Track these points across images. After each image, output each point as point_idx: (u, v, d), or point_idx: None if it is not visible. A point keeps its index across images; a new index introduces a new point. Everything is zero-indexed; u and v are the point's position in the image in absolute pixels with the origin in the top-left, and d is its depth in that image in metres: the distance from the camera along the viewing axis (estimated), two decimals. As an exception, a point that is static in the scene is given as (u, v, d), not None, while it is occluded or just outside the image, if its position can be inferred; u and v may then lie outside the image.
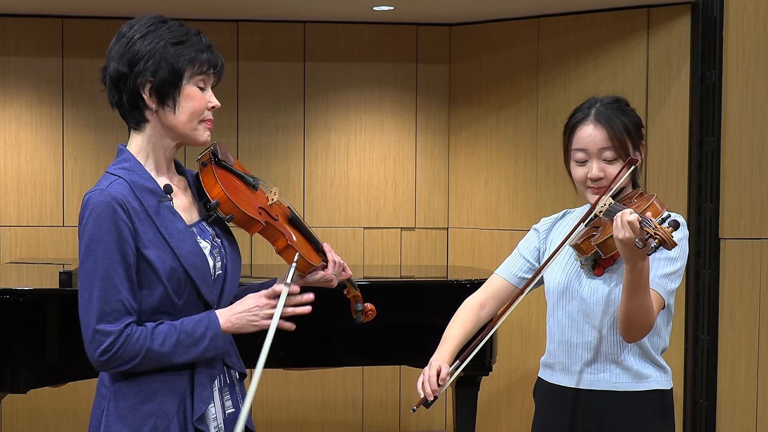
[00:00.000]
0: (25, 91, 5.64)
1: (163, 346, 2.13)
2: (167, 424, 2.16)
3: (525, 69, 5.59)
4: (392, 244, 5.94)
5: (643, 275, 2.27)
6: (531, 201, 5.53)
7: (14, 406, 5.50)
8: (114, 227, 2.12)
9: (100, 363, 2.13)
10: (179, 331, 2.15)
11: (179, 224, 2.20)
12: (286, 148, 5.84)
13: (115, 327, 2.10)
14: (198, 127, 2.25)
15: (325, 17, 5.73)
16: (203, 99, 2.24)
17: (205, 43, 2.27)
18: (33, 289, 3.91)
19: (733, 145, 4.92)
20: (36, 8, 5.50)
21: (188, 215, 2.27)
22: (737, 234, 4.93)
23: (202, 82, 2.25)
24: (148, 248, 2.15)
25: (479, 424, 4.77)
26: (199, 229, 2.27)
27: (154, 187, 2.20)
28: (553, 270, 2.57)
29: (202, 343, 2.17)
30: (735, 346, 4.96)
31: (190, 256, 2.18)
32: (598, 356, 2.48)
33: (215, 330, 2.19)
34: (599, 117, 2.49)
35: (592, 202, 2.48)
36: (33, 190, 5.66)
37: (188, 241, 2.20)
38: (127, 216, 2.13)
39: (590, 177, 2.48)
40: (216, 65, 2.26)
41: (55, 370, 3.86)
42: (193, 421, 2.19)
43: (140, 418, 2.16)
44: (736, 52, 4.90)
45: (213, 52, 2.26)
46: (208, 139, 2.28)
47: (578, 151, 2.50)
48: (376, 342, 4.29)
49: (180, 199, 2.28)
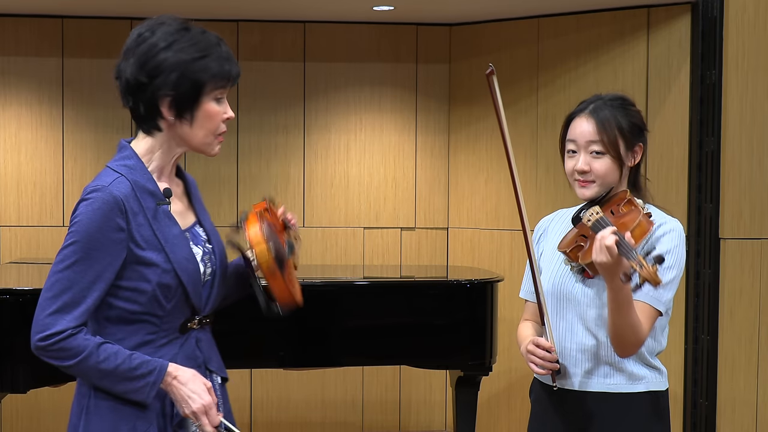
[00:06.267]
0: (25, 91, 5.63)
1: (100, 364, 2.10)
2: (147, 426, 2.16)
3: (525, 69, 5.59)
4: (392, 244, 5.94)
5: (621, 294, 2.29)
6: (531, 201, 5.52)
7: (14, 406, 5.50)
8: (105, 224, 2.10)
9: (36, 348, 2.12)
10: (125, 360, 2.11)
11: (175, 229, 2.20)
12: (286, 148, 5.84)
13: (66, 324, 2.08)
14: (212, 142, 2.24)
15: (325, 17, 5.73)
16: (219, 114, 2.22)
17: (226, 53, 2.22)
18: (33, 289, 3.91)
19: (733, 145, 4.92)
20: (36, 8, 5.50)
21: (183, 220, 2.27)
22: (737, 234, 4.93)
23: (221, 93, 2.22)
24: (144, 250, 2.14)
25: (479, 424, 4.77)
26: (192, 235, 2.27)
27: (154, 190, 2.19)
28: (545, 273, 2.57)
29: (138, 382, 2.12)
30: (735, 346, 4.96)
31: (183, 262, 2.18)
32: (592, 358, 2.48)
33: (156, 379, 2.13)
34: (594, 111, 2.50)
35: (579, 195, 2.51)
36: (33, 190, 5.66)
37: (182, 247, 2.20)
38: (124, 218, 2.12)
39: (576, 169, 2.49)
40: (235, 76, 2.23)
41: (55, 370, 3.83)
42: (173, 425, 2.20)
43: (120, 417, 2.16)
44: (736, 52, 4.90)
45: (232, 62, 2.22)
46: (218, 151, 2.26)
47: (570, 143, 2.52)
48: (376, 342, 4.30)
49: (176, 204, 2.27)
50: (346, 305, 4.25)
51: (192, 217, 2.32)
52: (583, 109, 2.52)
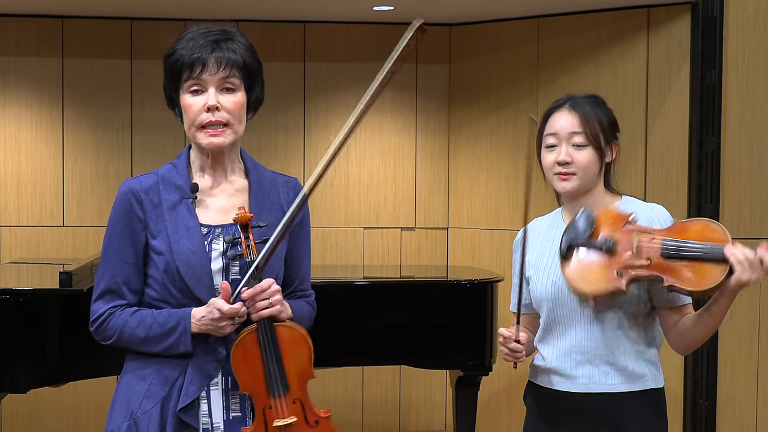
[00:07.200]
0: (25, 91, 5.63)
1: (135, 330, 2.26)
2: (152, 405, 2.25)
3: (525, 69, 5.59)
4: (392, 244, 5.94)
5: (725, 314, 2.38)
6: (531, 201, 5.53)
7: (14, 406, 5.50)
8: (125, 214, 2.26)
9: (92, 332, 2.34)
10: (153, 320, 2.26)
11: (191, 222, 2.25)
12: (286, 148, 5.84)
13: (104, 307, 2.30)
14: (196, 134, 2.27)
15: (325, 17, 5.73)
16: (192, 106, 2.24)
17: (199, 44, 2.23)
18: (33, 289, 3.91)
19: (733, 145, 4.92)
20: (36, 8, 5.50)
21: (221, 216, 2.30)
22: (737, 234, 4.92)
23: (195, 84, 2.23)
24: (156, 238, 2.25)
25: (479, 424, 4.77)
26: (225, 231, 2.28)
27: (182, 184, 2.28)
28: (541, 279, 2.55)
29: (171, 336, 2.24)
30: (735, 345, 4.96)
31: (185, 253, 2.22)
32: (592, 359, 2.47)
33: (185, 326, 2.24)
34: (574, 105, 2.52)
35: (559, 189, 2.52)
36: (33, 190, 5.65)
37: (192, 239, 2.23)
38: (140, 206, 2.25)
39: (557, 161, 2.49)
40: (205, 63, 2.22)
41: (55, 370, 3.86)
42: (176, 410, 2.24)
43: (132, 394, 2.29)
44: (736, 52, 4.90)
45: (204, 50, 2.22)
46: (213, 144, 2.26)
47: (549, 136, 2.53)
48: (376, 342, 4.29)
49: (218, 200, 2.31)
50: (346, 305, 4.25)
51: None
52: (562, 105, 2.54)
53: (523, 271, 2.56)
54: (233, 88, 2.27)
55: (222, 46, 2.25)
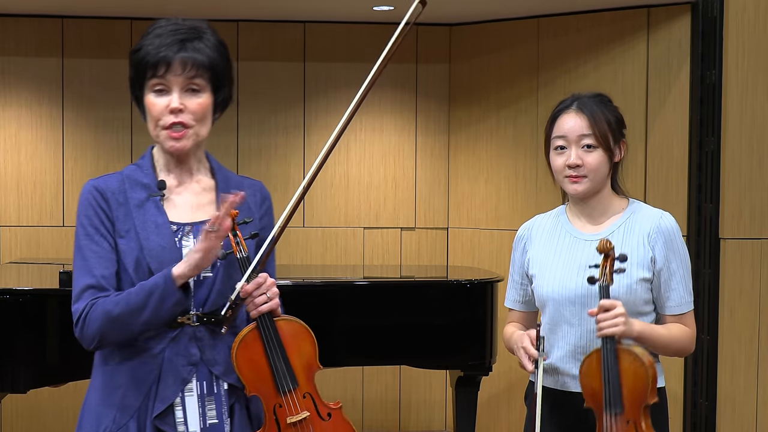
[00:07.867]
0: (25, 91, 5.63)
1: (117, 306, 2.14)
2: (126, 419, 2.18)
3: (525, 69, 5.59)
4: (392, 244, 5.93)
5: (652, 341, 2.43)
6: (531, 201, 5.53)
7: (14, 406, 5.50)
8: (93, 212, 2.19)
9: (78, 337, 2.20)
10: (130, 292, 2.16)
11: (160, 219, 2.21)
12: (286, 148, 5.84)
13: (81, 305, 2.17)
14: (159, 135, 2.22)
15: (325, 17, 5.73)
16: (156, 106, 2.20)
17: (164, 41, 2.20)
18: (33, 289, 3.91)
19: (733, 145, 4.91)
20: (36, 8, 5.49)
21: (189, 213, 2.26)
22: (737, 234, 4.92)
23: (161, 85, 2.20)
24: (123, 237, 2.19)
25: (479, 424, 4.77)
26: (195, 229, 2.24)
27: (149, 182, 2.23)
28: (544, 278, 2.55)
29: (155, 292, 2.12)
30: (735, 346, 4.96)
31: (156, 250, 2.18)
32: None
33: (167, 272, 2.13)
34: (581, 106, 2.51)
35: (570, 192, 2.51)
36: (33, 190, 5.65)
37: (161, 236, 2.19)
38: (105, 203, 2.19)
39: (568, 164, 2.48)
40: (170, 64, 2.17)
41: (55, 370, 3.86)
42: (152, 419, 2.18)
43: (104, 408, 2.20)
44: (736, 52, 4.89)
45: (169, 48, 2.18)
46: (176, 147, 2.21)
47: (558, 139, 2.52)
48: (376, 342, 4.29)
49: (184, 198, 2.27)
50: (346, 305, 4.25)
51: (205, 215, 2.25)
52: (569, 106, 2.52)
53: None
54: (198, 89, 2.21)
55: (188, 46, 2.20)
